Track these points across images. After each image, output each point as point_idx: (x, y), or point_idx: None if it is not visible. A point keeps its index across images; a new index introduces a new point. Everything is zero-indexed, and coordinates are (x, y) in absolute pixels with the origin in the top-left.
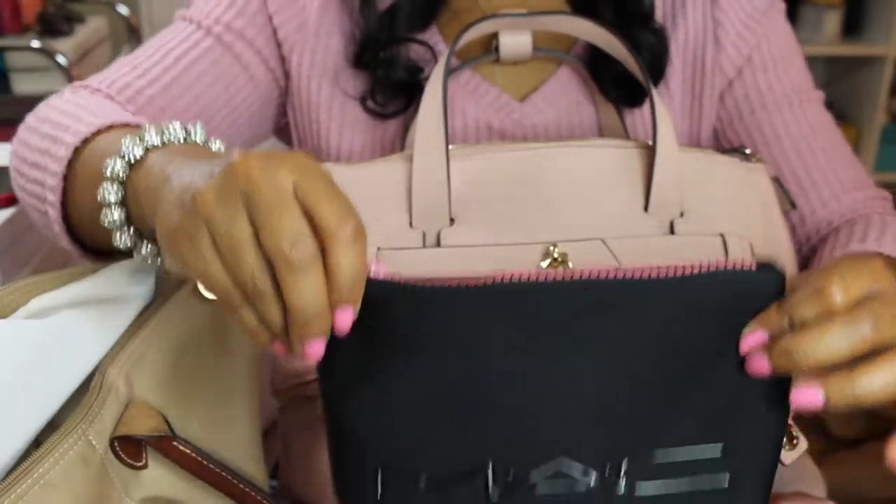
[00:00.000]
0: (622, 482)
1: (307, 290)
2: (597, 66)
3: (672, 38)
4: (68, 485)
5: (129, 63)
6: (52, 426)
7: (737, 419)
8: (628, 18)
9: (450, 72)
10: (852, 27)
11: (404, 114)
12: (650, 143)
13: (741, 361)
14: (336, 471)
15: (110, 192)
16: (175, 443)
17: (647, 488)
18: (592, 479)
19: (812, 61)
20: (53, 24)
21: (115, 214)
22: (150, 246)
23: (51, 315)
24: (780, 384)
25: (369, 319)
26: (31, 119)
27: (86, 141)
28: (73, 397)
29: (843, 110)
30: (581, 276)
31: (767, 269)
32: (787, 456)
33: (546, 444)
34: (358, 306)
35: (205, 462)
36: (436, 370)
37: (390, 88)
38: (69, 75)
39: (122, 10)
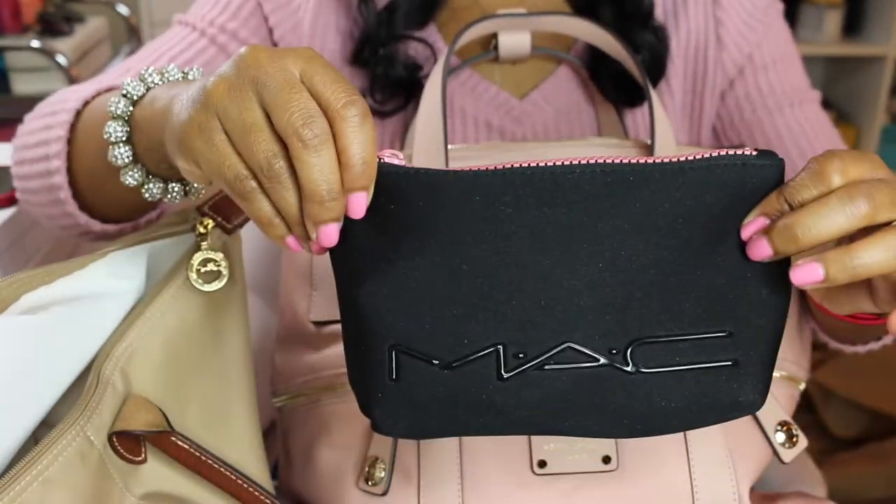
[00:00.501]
0: (629, 361)
1: (322, 167)
2: (596, 67)
3: (673, 37)
4: (67, 481)
5: (124, 67)
6: (47, 424)
7: (740, 305)
8: (628, 18)
9: (450, 71)
10: (852, 27)
11: (403, 112)
12: (648, 142)
13: (743, 247)
14: (349, 357)
15: (116, 130)
16: (173, 438)
17: (653, 366)
18: (601, 359)
19: (812, 61)
20: (53, 24)
21: (123, 151)
22: (156, 183)
23: (42, 311)
24: (781, 269)
25: (384, 206)
26: (29, 115)
27: (85, 104)
28: (68, 394)
29: (843, 110)
30: (589, 162)
31: (767, 156)
32: (786, 454)
33: (555, 329)
34: (371, 190)
35: (203, 457)
36: (451, 256)
37: (389, 86)
38: (69, 75)
39: (122, 10)
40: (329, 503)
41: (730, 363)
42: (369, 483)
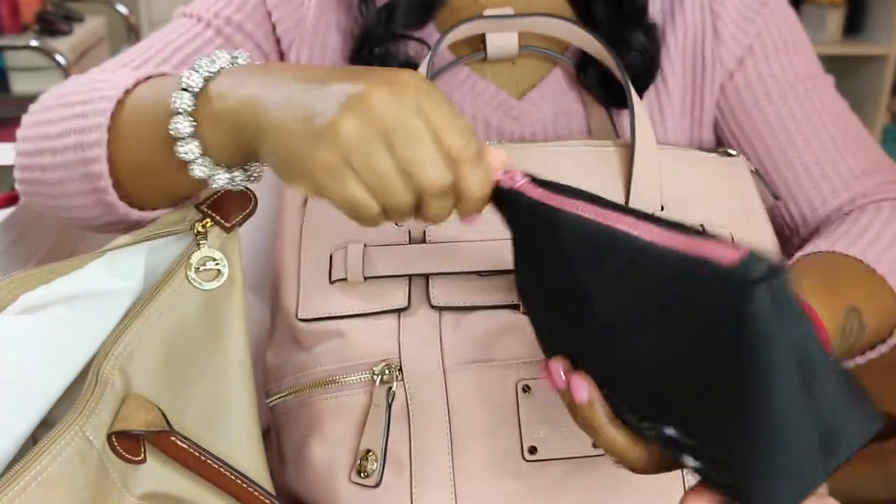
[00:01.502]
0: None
1: (443, 208)
2: (585, 68)
3: (670, 34)
4: (66, 481)
5: (127, 56)
6: (46, 424)
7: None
8: (623, 17)
9: (440, 70)
10: (854, 26)
11: None
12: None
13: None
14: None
15: (184, 126)
16: (172, 437)
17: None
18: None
19: None
20: (52, 24)
21: (192, 147)
22: (222, 171)
23: (41, 311)
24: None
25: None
26: (39, 105)
27: (126, 93)
28: (67, 394)
29: None
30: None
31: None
32: None
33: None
34: (482, 209)
35: (202, 457)
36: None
37: None
38: (68, 74)
39: (121, 9)
40: (322, 498)
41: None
42: (362, 476)
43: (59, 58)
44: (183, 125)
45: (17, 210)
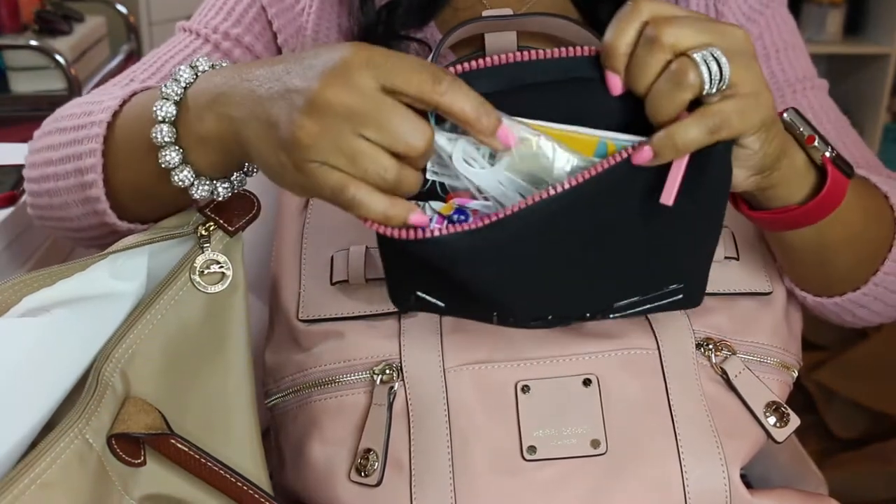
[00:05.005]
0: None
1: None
2: None
3: None
4: (66, 484)
5: (128, 76)
6: (48, 426)
7: (683, 259)
8: None
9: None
10: (854, 26)
11: None
12: None
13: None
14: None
15: (164, 133)
16: (173, 440)
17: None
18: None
19: (814, 60)
20: (52, 23)
21: (185, 174)
22: (227, 181)
23: (44, 313)
24: (703, 215)
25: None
26: (41, 131)
27: (115, 114)
28: (67, 396)
29: (845, 109)
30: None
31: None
32: (778, 433)
33: (543, 313)
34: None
35: (203, 459)
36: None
37: None
38: (67, 74)
39: (121, 9)
40: (322, 498)
41: (680, 296)
42: (362, 475)
43: (58, 57)
44: (171, 156)
45: (16, 210)
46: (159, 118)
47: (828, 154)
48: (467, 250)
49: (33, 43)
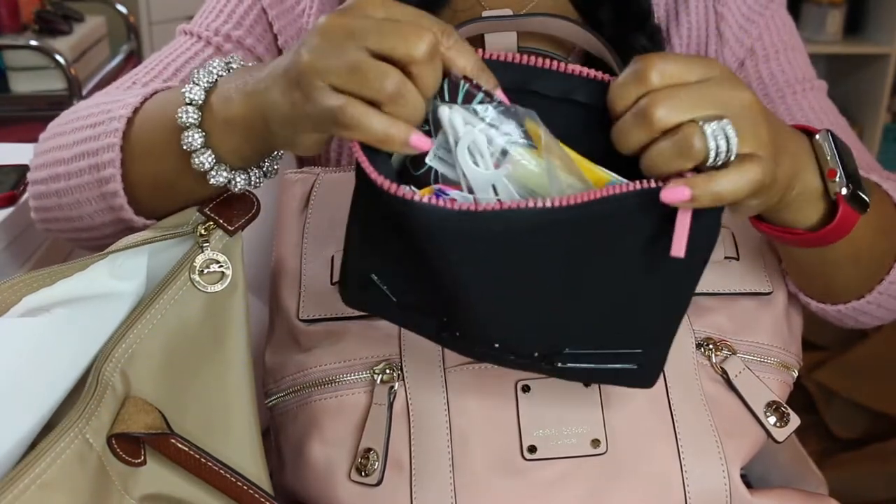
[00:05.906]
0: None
1: (437, 71)
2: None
3: (675, 34)
4: (66, 484)
5: (129, 79)
6: (48, 426)
7: (649, 325)
8: (627, 20)
9: None
10: (854, 26)
11: None
12: None
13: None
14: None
15: (195, 138)
16: (173, 440)
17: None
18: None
19: (814, 60)
20: (52, 23)
21: (206, 157)
22: (245, 174)
23: (44, 313)
24: (675, 284)
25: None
26: (48, 133)
27: (135, 111)
28: (67, 397)
29: (845, 109)
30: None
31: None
32: (778, 433)
33: (492, 336)
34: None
35: (203, 459)
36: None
37: None
38: (67, 74)
39: (121, 9)
40: (322, 497)
41: (635, 367)
42: (362, 475)
43: (58, 57)
44: (194, 138)
45: (16, 210)
46: (187, 100)
47: (844, 192)
48: (452, 231)
49: (33, 43)
